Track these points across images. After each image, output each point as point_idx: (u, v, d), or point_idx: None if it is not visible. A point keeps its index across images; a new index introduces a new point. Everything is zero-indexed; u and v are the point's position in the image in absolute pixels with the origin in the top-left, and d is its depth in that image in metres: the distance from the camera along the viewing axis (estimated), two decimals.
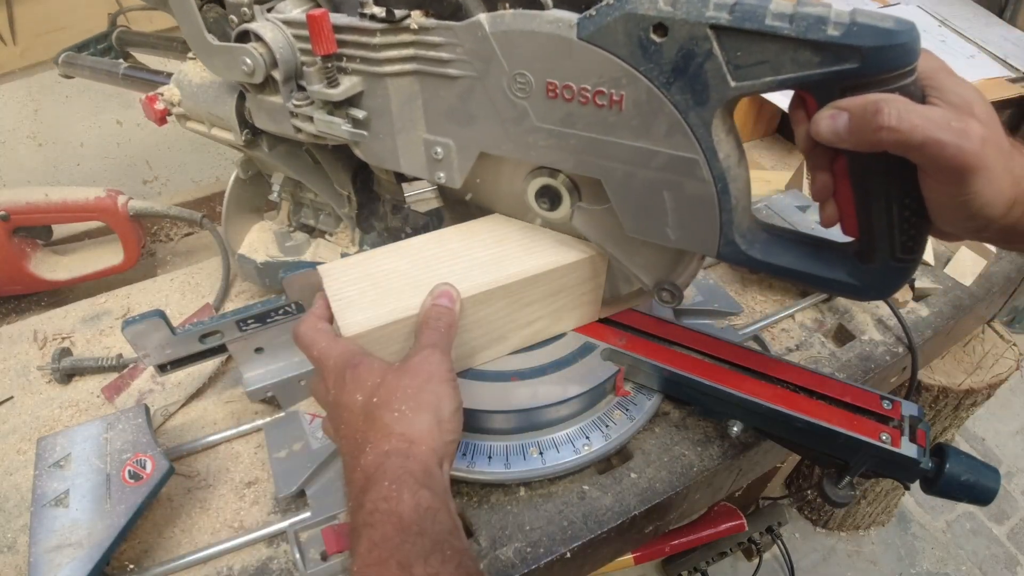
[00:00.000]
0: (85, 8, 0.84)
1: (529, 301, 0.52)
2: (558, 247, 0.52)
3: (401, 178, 0.59)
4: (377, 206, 0.65)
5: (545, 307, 0.54)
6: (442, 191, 0.54)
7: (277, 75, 0.48)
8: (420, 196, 0.54)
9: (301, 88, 0.49)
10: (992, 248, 0.79)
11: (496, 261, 0.50)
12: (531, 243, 0.52)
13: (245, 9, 0.48)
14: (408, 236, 0.67)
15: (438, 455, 0.40)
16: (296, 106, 0.49)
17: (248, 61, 0.47)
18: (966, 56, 0.93)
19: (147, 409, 0.52)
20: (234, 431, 0.57)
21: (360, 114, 0.48)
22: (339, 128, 0.48)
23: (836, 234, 0.42)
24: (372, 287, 0.49)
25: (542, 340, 0.56)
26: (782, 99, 0.92)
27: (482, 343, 0.53)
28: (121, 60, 0.69)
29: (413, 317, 0.47)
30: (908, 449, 0.48)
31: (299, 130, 0.51)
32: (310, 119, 0.49)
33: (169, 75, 0.62)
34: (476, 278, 0.49)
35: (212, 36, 0.49)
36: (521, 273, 0.50)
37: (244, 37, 0.48)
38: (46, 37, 0.84)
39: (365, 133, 0.49)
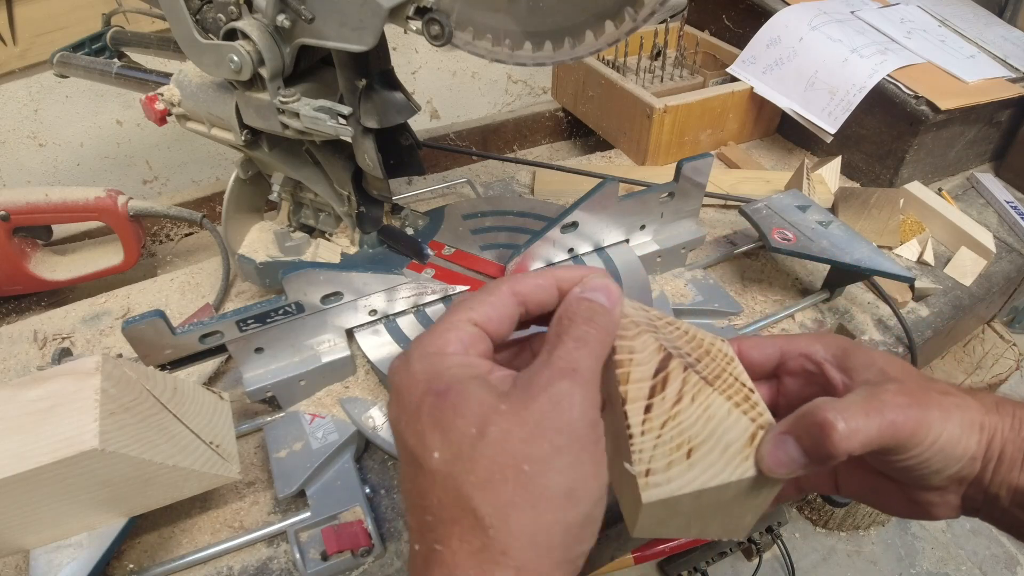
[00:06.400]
0: (85, 8, 0.84)
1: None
2: (26, 449, 0.40)
3: (389, 174, 0.60)
4: (377, 206, 0.65)
5: (60, 508, 0.42)
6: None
7: (264, 72, 0.49)
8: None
9: (287, 85, 0.50)
10: (992, 247, 0.79)
11: None
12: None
13: (232, 7, 0.48)
14: (408, 236, 0.67)
15: None
16: (283, 103, 0.50)
17: (235, 59, 0.48)
18: (966, 56, 0.93)
19: None
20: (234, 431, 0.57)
21: (345, 110, 0.48)
22: (324, 124, 0.49)
23: None
24: None
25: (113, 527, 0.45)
26: (783, 99, 0.92)
27: None
28: (115, 59, 0.69)
29: None
30: None
31: (286, 127, 0.52)
32: (296, 115, 0.50)
33: (164, 75, 0.62)
34: None
35: (200, 34, 0.50)
36: None
37: (232, 35, 0.48)
38: (46, 37, 0.84)
39: (350, 129, 0.49)
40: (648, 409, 0.32)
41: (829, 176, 0.88)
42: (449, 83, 1.21)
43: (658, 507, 0.31)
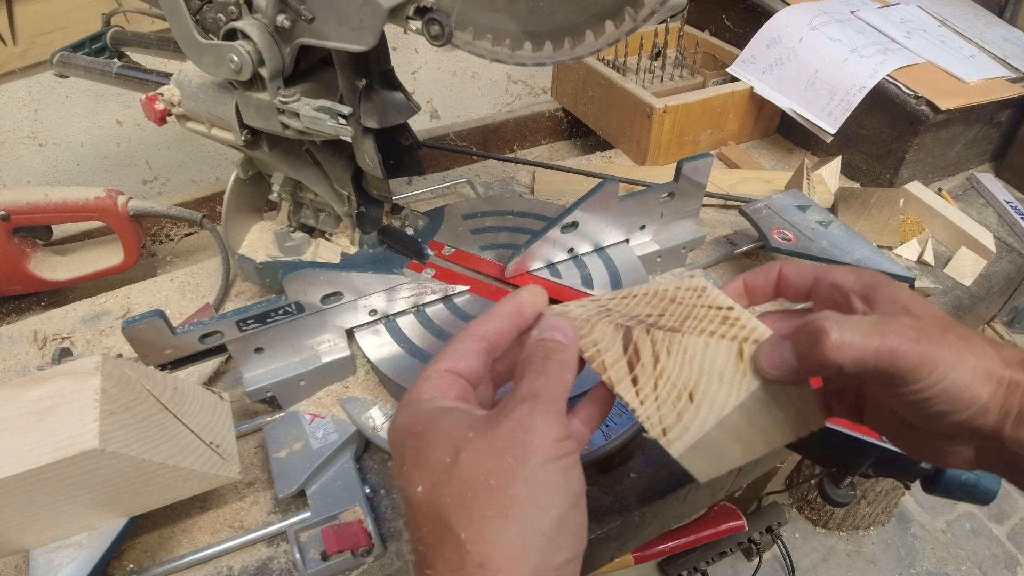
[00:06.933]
0: (86, 8, 0.84)
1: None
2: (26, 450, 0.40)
3: (389, 174, 0.60)
4: (377, 206, 0.65)
5: (60, 508, 0.42)
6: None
7: (264, 72, 0.49)
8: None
9: (287, 85, 0.50)
10: (992, 248, 0.79)
11: None
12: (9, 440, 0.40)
13: (232, 7, 0.48)
14: (408, 236, 0.67)
15: None
16: (283, 103, 0.50)
17: (235, 59, 0.48)
18: (966, 56, 0.93)
19: None
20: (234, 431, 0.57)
21: (345, 110, 0.48)
22: (324, 124, 0.49)
23: None
24: None
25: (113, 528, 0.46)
26: (783, 99, 0.92)
27: None
28: (115, 59, 0.69)
29: None
30: None
31: (286, 126, 0.52)
32: (296, 115, 0.50)
33: (164, 75, 0.62)
34: None
35: (200, 34, 0.50)
36: None
37: (232, 35, 0.49)
38: (46, 37, 0.84)
39: (350, 129, 0.49)
40: (635, 381, 0.34)
41: (829, 176, 0.88)
42: (449, 83, 1.21)
43: (694, 454, 0.32)
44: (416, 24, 0.44)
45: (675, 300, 0.36)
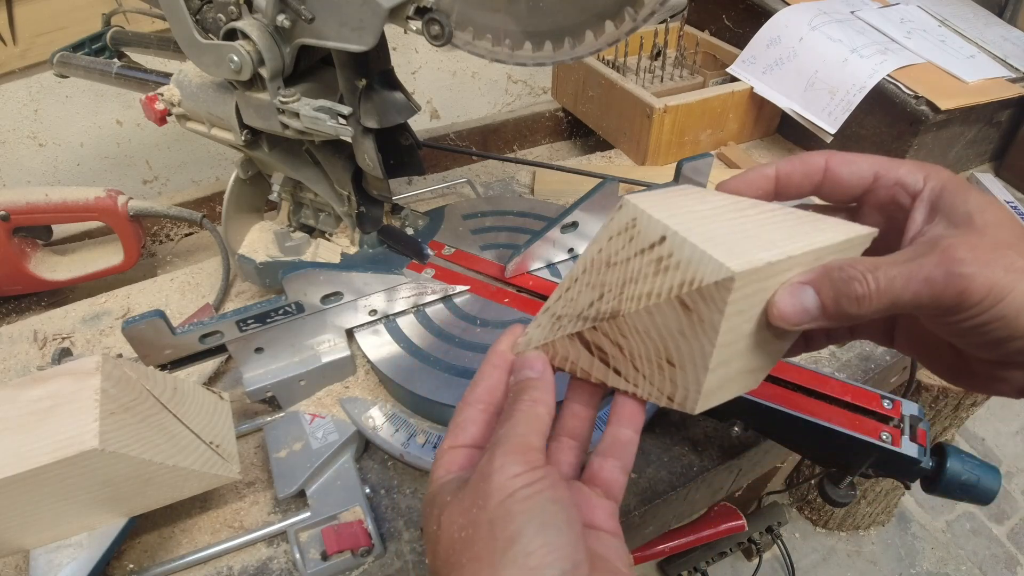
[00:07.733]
0: (86, 8, 0.84)
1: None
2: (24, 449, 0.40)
3: (389, 174, 0.60)
4: (377, 206, 0.65)
5: (60, 508, 0.43)
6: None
7: (264, 72, 0.49)
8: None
9: (287, 85, 0.50)
10: None
11: None
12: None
13: (232, 7, 0.48)
14: (408, 236, 0.67)
15: None
16: (283, 103, 0.50)
17: (235, 59, 0.48)
18: (966, 56, 0.93)
19: None
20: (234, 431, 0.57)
21: (345, 110, 0.48)
22: (324, 124, 0.49)
23: None
24: None
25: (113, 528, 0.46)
26: (783, 99, 0.92)
27: None
28: (115, 59, 0.69)
29: None
30: (909, 448, 0.48)
31: (286, 126, 0.52)
32: (296, 115, 0.50)
33: (164, 75, 0.62)
34: None
35: (200, 34, 0.50)
36: None
37: (232, 35, 0.49)
38: (46, 37, 0.84)
39: (350, 129, 0.49)
40: (618, 372, 0.34)
41: None
42: (449, 83, 1.21)
43: (711, 398, 0.32)
44: (416, 24, 0.44)
45: (610, 263, 0.32)
